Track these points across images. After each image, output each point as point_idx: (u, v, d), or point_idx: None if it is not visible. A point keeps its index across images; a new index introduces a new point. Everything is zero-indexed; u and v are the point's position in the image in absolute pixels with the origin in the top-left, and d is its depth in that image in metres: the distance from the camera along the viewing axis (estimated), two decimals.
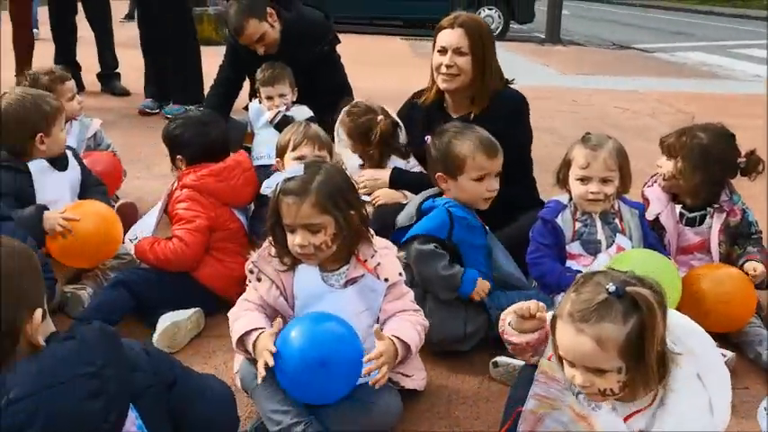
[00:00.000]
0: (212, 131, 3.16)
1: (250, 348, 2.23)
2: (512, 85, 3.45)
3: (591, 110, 7.55)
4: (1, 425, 1.32)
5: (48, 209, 2.96)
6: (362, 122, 3.35)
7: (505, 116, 3.22)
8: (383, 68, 9.60)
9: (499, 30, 14.00)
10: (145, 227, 3.12)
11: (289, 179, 2.27)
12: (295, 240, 2.26)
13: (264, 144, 4.13)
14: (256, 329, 2.24)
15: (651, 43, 15.41)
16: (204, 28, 10.87)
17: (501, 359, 2.63)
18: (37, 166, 3.07)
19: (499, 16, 14.34)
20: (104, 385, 1.48)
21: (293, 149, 2.97)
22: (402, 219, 2.79)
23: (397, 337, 2.25)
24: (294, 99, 4.41)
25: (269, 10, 4.38)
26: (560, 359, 1.84)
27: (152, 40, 6.34)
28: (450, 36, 3.30)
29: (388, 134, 3.35)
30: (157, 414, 1.65)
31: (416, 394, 2.48)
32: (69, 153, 3.24)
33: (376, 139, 3.33)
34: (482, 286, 2.66)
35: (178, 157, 3.14)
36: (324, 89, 4.50)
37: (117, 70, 7.19)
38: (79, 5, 6.92)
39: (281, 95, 4.33)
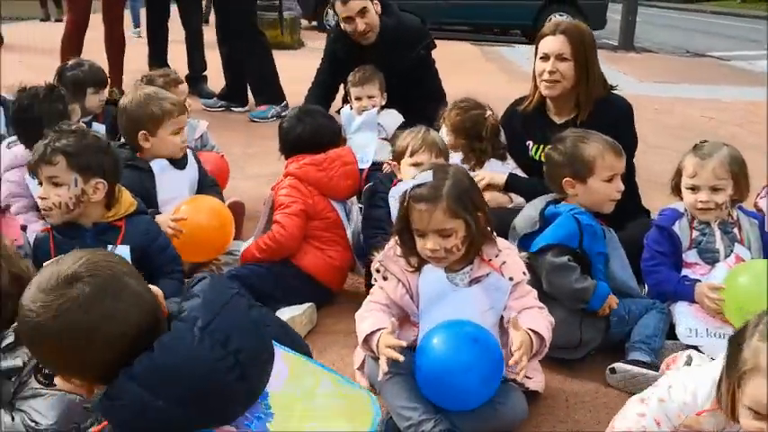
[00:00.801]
0: (315, 123, 3.25)
1: (374, 347, 2.29)
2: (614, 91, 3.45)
3: (674, 118, 7.43)
4: (206, 345, 1.43)
5: (159, 213, 3.08)
6: (471, 116, 3.36)
7: (613, 122, 3.21)
8: (455, 73, 9.53)
9: None
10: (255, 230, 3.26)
11: (418, 186, 2.31)
12: (426, 245, 2.30)
13: (357, 148, 4.19)
14: (380, 329, 2.30)
15: (726, 51, 15.03)
16: (278, 32, 11.10)
17: (618, 365, 2.62)
18: (158, 165, 3.20)
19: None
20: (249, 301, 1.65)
21: (411, 155, 3.01)
22: (524, 225, 2.80)
23: (533, 330, 2.27)
24: (384, 104, 4.46)
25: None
26: (732, 409, 1.71)
27: (223, 45, 6.60)
28: (552, 43, 3.32)
29: (497, 131, 3.37)
30: None
31: (534, 397, 2.49)
32: (189, 152, 3.35)
33: (487, 135, 3.34)
34: (610, 302, 2.68)
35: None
36: (417, 94, 4.57)
37: (204, 73, 7.37)
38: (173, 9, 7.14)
39: (370, 97, 4.39)
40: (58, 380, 1.67)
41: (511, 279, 2.37)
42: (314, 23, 14.17)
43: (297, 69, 9.65)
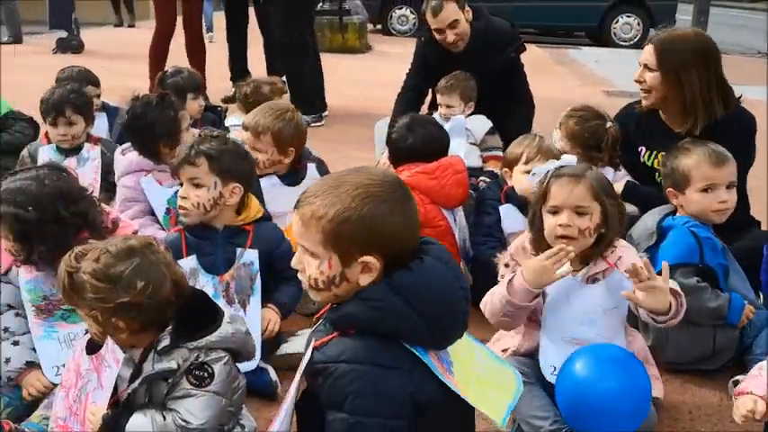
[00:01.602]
0: (426, 132, 3.28)
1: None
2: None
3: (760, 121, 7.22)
4: (449, 275, 1.66)
5: None
6: (591, 127, 3.32)
7: (735, 135, 3.11)
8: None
9: (638, 37, 13.66)
10: None
11: (562, 167, 2.38)
12: (560, 220, 2.31)
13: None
14: None
15: None
16: (349, 36, 11.21)
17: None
18: (267, 182, 3.26)
19: (638, 24, 14.01)
20: None
21: (526, 162, 3.01)
22: (641, 236, 2.77)
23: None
24: (470, 112, 4.48)
25: (467, 7, 4.49)
26: None
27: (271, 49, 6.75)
28: (643, 53, 3.29)
29: (616, 142, 3.33)
30: None
31: (655, 407, 2.46)
32: (312, 166, 3.40)
33: (607, 146, 3.31)
34: (747, 312, 2.64)
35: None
36: (506, 96, 4.57)
37: (283, 78, 7.47)
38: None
39: (449, 106, 4.44)
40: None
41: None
42: (379, 27, 14.24)
43: (365, 72, 9.82)
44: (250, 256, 2.65)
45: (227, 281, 2.66)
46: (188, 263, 2.65)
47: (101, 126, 4.37)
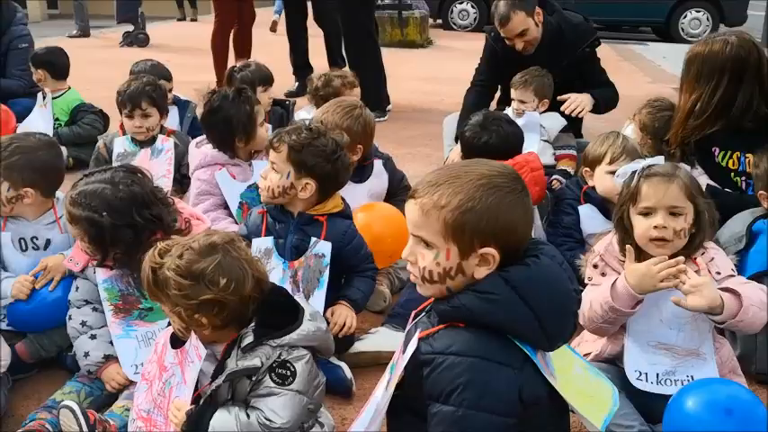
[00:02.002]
0: (502, 130, 3.21)
1: None
2: None
3: None
4: (564, 276, 1.64)
5: None
6: (663, 117, 3.22)
7: None
8: None
9: (707, 33, 13.26)
10: None
11: (650, 166, 2.32)
12: (654, 222, 2.24)
13: None
14: None
15: None
16: (409, 31, 11.16)
17: None
18: None
19: (707, 18, 13.60)
20: None
21: (610, 162, 2.92)
22: (729, 240, 2.66)
23: (729, 289, 2.17)
24: (544, 108, 4.39)
25: (537, 9, 4.38)
26: None
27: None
28: None
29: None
30: None
31: None
32: (379, 163, 3.37)
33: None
34: None
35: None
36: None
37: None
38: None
39: (522, 102, 4.35)
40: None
41: (718, 273, 2.28)
42: (439, 21, 14.14)
43: (426, 68, 9.74)
44: (323, 247, 2.64)
45: (296, 267, 2.66)
46: (264, 242, 2.69)
47: (172, 119, 4.44)
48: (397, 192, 3.43)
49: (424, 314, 1.76)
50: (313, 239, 2.66)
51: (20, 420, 2.38)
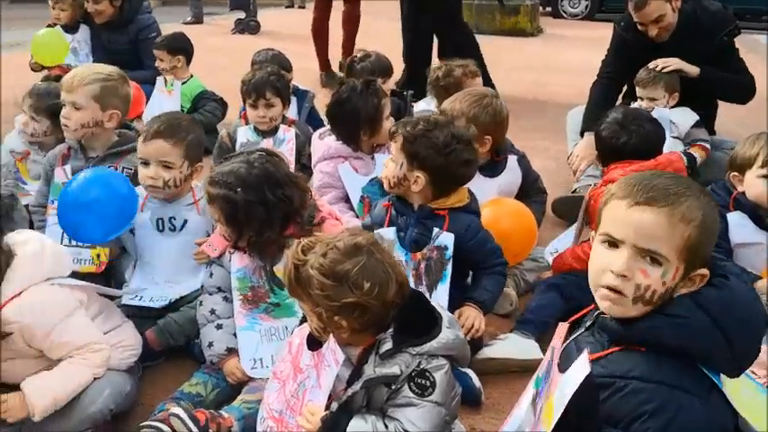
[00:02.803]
0: (643, 130, 3.02)
1: None
2: None
3: None
4: (754, 296, 1.56)
5: None
6: None
7: None
8: None
9: None
10: (564, 240, 3.12)
11: None
12: None
13: None
14: None
15: None
16: (519, 19, 10.89)
17: None
18: None
19: None
20: None
21: (762, 166, 2.68)
22: None
23: None
24: (674, 103, 4.14)
25: None
26: None
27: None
28: None
29: None
30: None
31: None
32: (513, 159, 3.24)
33: None
34: None
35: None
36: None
37: None
38: None
39: (652, 99, 4.13)
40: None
41: None
42: (548, 9, 13.75)
43: (538, 57, 9.46)
44: (446, 239, 2.56)
45: (418, 259, 2.59)
46: (387, 233, 2.64)
47: (290, 109, 4.42)
48: (530, 192, 3.29)
49: (583, 330, 1.63)
50: (435, 230, 2.57)
51: (148, 409, 2.39)
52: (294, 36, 9.94)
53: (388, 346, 1.86)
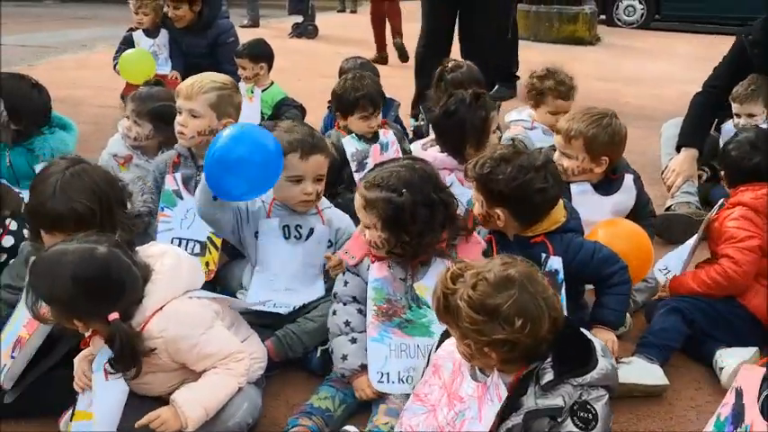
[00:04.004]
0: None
1: None
2: None
3: None
4: None
5: None
6: None
7: None
8: None
9: None
10: (676, 258, 3.03)
11: None
12: None
13: None
14: None
15: None
16: (578, 27, 10.79)
17: None
18: (578, 189, 3.08)
19: None
20: None
21: None
22: None
23: None
24: None
25: None
26: None
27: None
28: None
29: None
30: None
31: None
32: (630, 178, 3.18)
33: None
34: None
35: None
36: None
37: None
38: None
39: (750, 115, 4.04)
40: None
41: None
42: (602, 17, 13.59)
43: (601, 67, 9.32)
44: (555, 263, 2.52)
45: None
46: None
47: None
48: (641, 215, 3.21)
49: None
50: (543, 256, 2.52)
51: (273, 422, 2.39)
52: (352, 40, 9.99)
53: (549, 377, 1.82)
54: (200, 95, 3.04)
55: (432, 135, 3.76)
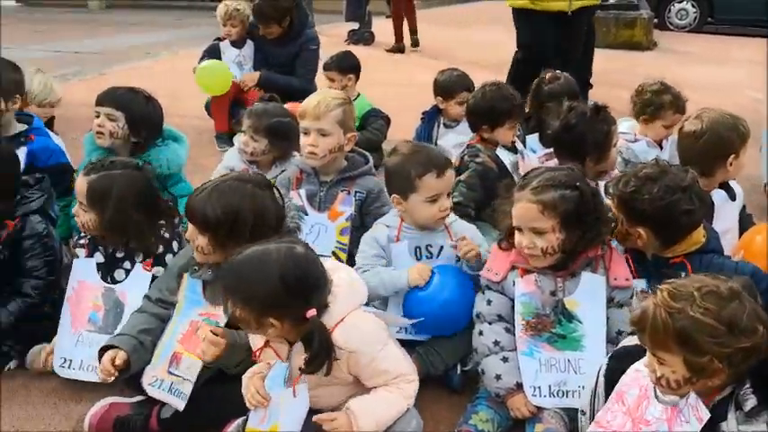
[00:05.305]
0: None
1: None
2: None
3: None
4: None
5: None
6: None
7: None
8: None
9: None
10: None
11: None
12: None
13: None
14: None
15: None
16: (635, 32, 10.70)
17: None
18: (719, 196, 3.06)
19: None
20: None
21: None
22: None
23: None
24: None
25: None
26: None
27: None
28: None
29: None
30: None
31: None
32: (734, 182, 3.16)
33: None
34: None
35: None
36: None
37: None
38: None
39: None
40: None
41: None
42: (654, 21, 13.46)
43: (658, 71, 9.14)
44: None
45: None
46: (639, 284, 2.58)
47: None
48: (747, 220, 3.20)
49: None
50: (683, 275, 2.44)
51: None
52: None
53: (752, 402, 1.80)
54: (329, 114, 3.08)
55: (543, 150, 3.78)
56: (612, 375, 2.09)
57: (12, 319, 2.79)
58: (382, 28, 11.59)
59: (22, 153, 3.35)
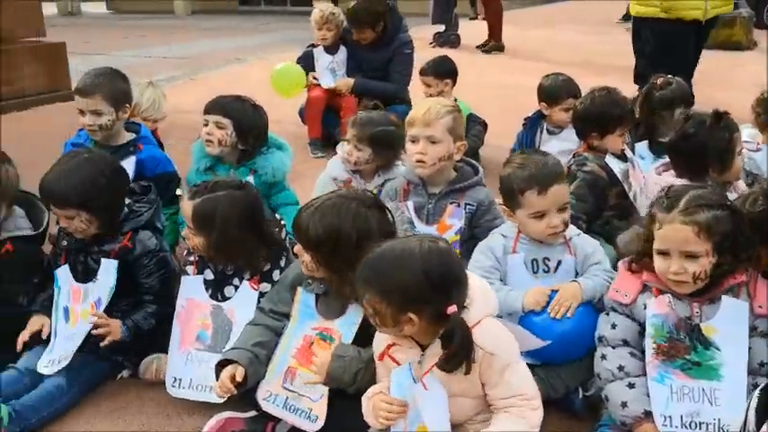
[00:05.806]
0: None
1: None
2: None
3: None
4: None
5: None
6: None
7: None
8: None
9: None
10: None
11: None
12: None
13: None
14: None
15: None
16: (735, 32, 10.24)
17: None
18: None
19: None
20: None
21: None
22: None
23: None
24: None
25: None
26: None
27: None
28: None
29: None
30: None
31: None
32: None
33: None
34: None
35: None
36: None
37: None
38: None
39: None
40: None
41: None
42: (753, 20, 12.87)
43: (755, 70, 8.76)
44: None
45: None
46: None
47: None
48: None
49: None
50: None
51: None
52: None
53: None
54: (438, 121, 3.00)
55: (654, 158, 3.61)
56: (766, 410, 1.93)
57: (152, 322, 2.82)
58: (467, 30, 11.49)
59: (130, 162, 3.41)
